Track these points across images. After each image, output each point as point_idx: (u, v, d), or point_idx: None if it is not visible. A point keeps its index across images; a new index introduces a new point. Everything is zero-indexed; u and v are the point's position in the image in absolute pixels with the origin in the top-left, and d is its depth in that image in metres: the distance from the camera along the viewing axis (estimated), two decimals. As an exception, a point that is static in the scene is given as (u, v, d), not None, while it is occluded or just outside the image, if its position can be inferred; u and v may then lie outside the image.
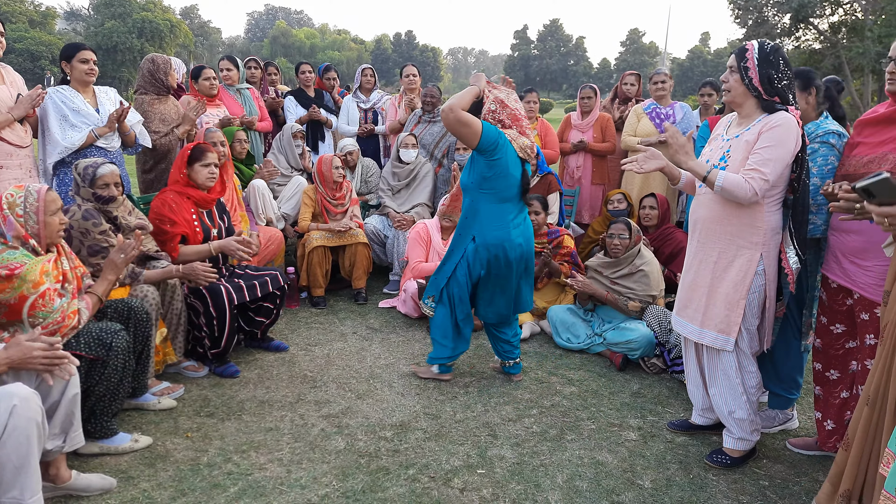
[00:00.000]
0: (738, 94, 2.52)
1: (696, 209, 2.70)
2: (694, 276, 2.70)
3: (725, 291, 2.59)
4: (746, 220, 2.52)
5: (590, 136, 5.33)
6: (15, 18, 42.61)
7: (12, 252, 2.31)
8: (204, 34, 69.14)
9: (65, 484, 2.32)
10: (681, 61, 67.48)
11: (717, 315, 2.62)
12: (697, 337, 2.69)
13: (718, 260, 2.61)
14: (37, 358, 1.99)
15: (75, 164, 3.06)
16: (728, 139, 2.61)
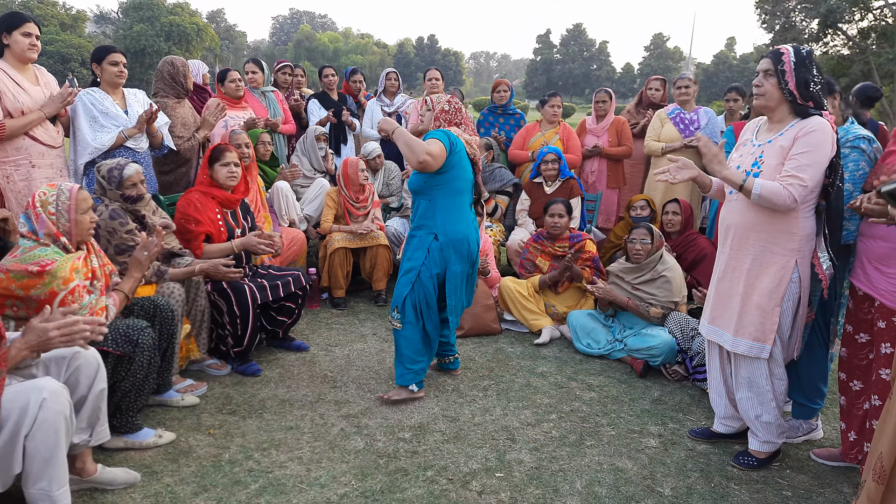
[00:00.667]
0: (774, 99, 2.48)
1: (727, 216, 2.66)
2: (728, 284, 2.66)
3: (759, 299, 2.55)
4: (781, 227, 2.48)
5: (605, 140, 5.31)
6: (46, 22, 43.59)
7: (44, 249, 2.37)
8: (230, 38, 70.13)
9: (90, 477, 2.36)
10: (706, 66, 66.78)
11: (751, 323, 2.58)
12: (731, 346, 2.65)
13: (752, 267, 2.57)
14: (54, 337, 1.98)
15: (97, 167, 3.11)
16: (759, 144, 2.57)
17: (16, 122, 3.38)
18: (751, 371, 2.64)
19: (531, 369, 3.68)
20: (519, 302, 4.24)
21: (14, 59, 3.45)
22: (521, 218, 5.09)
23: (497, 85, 5.80)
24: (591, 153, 5.31)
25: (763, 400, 2.64)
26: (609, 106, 5.37)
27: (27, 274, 2.29)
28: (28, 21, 3.46)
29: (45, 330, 1.94)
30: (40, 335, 1.95)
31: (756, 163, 2.53)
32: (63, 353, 2.25)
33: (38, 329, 1.96)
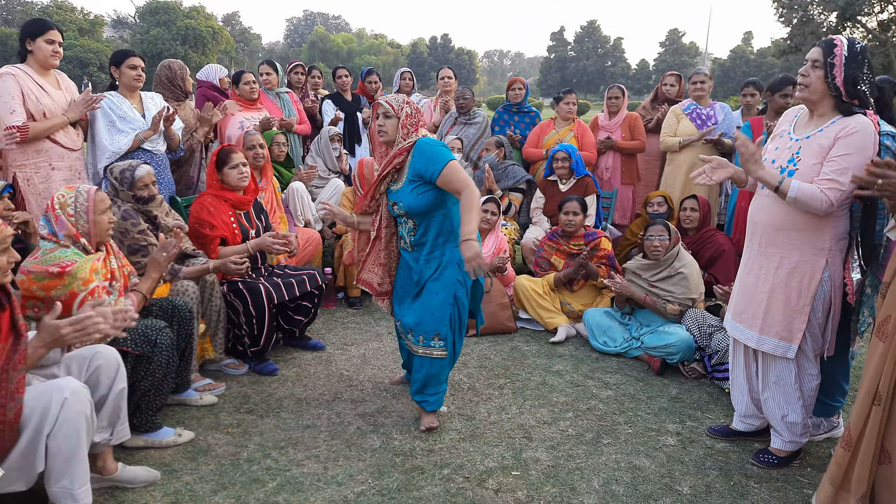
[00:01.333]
0: (818, 92, 2.40)
1: (756, 213, 2.61)
2: (754, 282, 2.62)
3: (787, 298, 2.51)
4: (812, 226, 2.43)
5: (618, 136, 5.27)
6: (65, 27, 44.20)
7: (63, 251, 2.41)
8: (245, 40, 70.66)
9: (111, 475, 2.39)
10: (722, 61, 66.08)
11: (777, 322, 2.54)
12: (756, 343, 2.61)
13: (780, 266, 2.52)
14: (67, 334, 2.01)
15: (110, 169, 3.16)
16: (797, 139, 2.50)
17: (40, 124, 3.44)
18: (779, 370, 2.60)
19: (547, 368, 3.66)
20: (534, 300, 4.22)
21: (36, 65, 3.51)
22: (535, 216, 5.07)
23: (512, 83, 5.79)
24: (604, 145, 5.27)
25: (790, 399, 2.60)
26: (622, 102, 5.34)
27: (48, 275, 2.33)
28: (52, 28, 3.52)
29: (56, 327, 1.97)
30: (52, 333, 1.98)
31: (792, 159, 2.47)
32: (84, 354, 2.28)
33: (50, 326, 1.99)
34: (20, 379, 1.93)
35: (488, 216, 4.49)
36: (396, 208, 2.86)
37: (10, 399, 1.91)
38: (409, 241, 2.90)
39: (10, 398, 1.92)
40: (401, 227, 2.95)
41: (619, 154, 5.32)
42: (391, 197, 2.89)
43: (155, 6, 48.83)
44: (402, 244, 2.97)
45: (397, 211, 2.86)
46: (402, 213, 2.84)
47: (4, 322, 2.00)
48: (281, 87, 5.30)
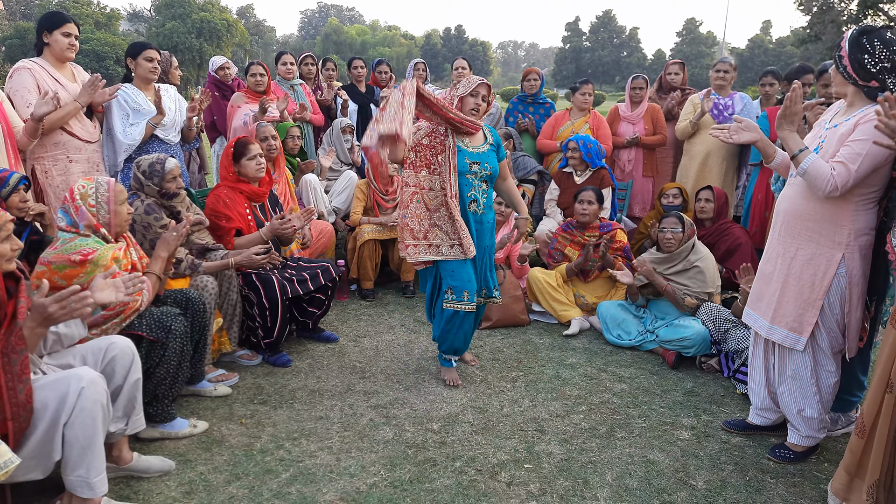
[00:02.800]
0: (838, 83, 2.42)
1: (781, 201, 2.60)
2: (770, 270, 2.61)
3: (800, 290, 2.48)
4: (830, 218, 2.40)
5: (640, 128, 5.21)
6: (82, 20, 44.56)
7: (84, 239, 2.43)
8: (259, 33, 70.87)
9: (127, 465, 2.42)
10: (740, 51, 65.20)
11: (788, 313, 2.52)
12: (766, 332, 2.60)
13: (796, 256, 2.50)
14: (54, 311, 1.98)
15: (137, 163, 3.17)
16: (828, 128, 2.48)
17: (54, 114, 3.46)
18: (796, 364, 2.57)
19: (560, 360, 3.65)
20: (548, 293, 4.20)
21: (53, 58, 3.53)
22: (549, 208, 5.04)
23: (527, 73, 5.72)
24: (631, 144, 5.21)
25: (806, 394, 2.57)
26: (645, 93, 5.27)
27: (70, 263, 2.35)
28: (69, 21, 3.53)
29: (43, 305, 1.96)
30: (41, 311, 1.97)
31: (817, 148, 2.45)
32: (99, 344, 2.31)
33: (38, 304, 1.97)
34: (23, 360, 1.93)
35: (501, 208, 4.47)
36: (477, 167, 3.08)
37: (17, 381, 1.91)
38: (484, 203, 3.16)
39: (18, 380, 1.91)
40: (472, 191, 3.11)
41: (641, 147, 5.26)
42: (472, 157, 3.06)
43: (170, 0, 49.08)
44: (471, 208, 3.12)
45: (477, 171, 3.08)
46: (487, 173, 3.11)
47: (10, 309, 2.01)
48: (295, 79, 5.30)
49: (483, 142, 3.17)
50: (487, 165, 3.12)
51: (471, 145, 3.10)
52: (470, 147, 3.10)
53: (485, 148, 3.14)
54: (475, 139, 3.13)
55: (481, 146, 3.14)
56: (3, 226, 1.96)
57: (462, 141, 3.08)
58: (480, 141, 3.16)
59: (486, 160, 3.12)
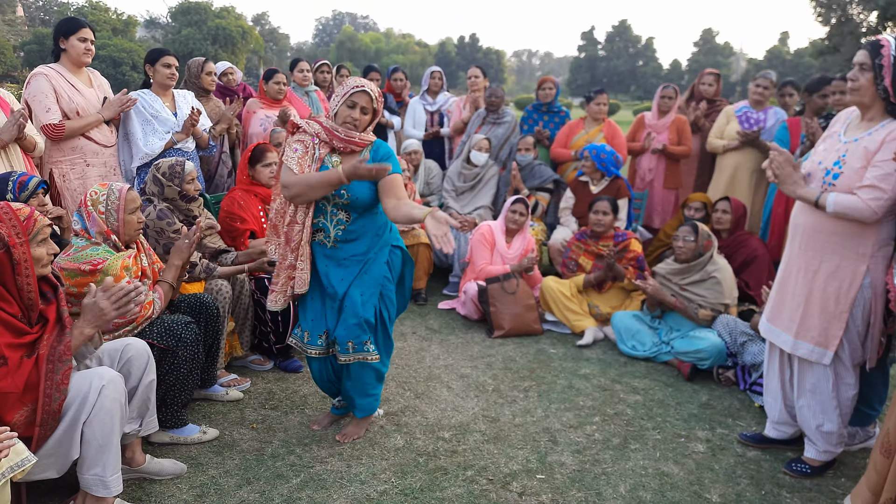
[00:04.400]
0: (868, 96, 2.33)
1: (798, 214, 2.55)
2: (792, 285, 2.56)
3: (825, 303, 2.44)
4: (854, 230, 2.36)
5: (665, 138, 5.15)
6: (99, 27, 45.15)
7: (95, 248, 2.45)
8: (274, 40, 71.52)
9: (140, 467, 2.43)
10: (758, 62, 64.83)
11: (814, 327, 2.47)
12: (791, 348, 2.55)
13: (819, 269, 2.45)
14: (107, 308, 2.07)
15: (156, 165, 3.19)
16: (846, 141, 2.43)
17: (75, 123, 3.51)
18: (816, 377, 2.53)
19: (573, 371, 3.62)
20: (561, 302, 4.18)
21: (70, 63, 3.58)
22: (563, 216, 5.02)
23: (543, 82, 5.71)
24: (657, 151, 5.12)
25: (826, 408, 2.53)
26: (674, 103, 5.21)
27: (80, 272, 2.37)
28: (84, 27, 3.58)
29: (96, 304, 2.01)
30: (96, 312, 2.03)
31: (838, 161, 2.40)
32: (115, 346, 2.32)
33: (90, 305, 2.04)
34: (66, 370, 1.98)
35: (516, 217, 4.46)
36: (338, 196, 2.56)
37: (55, 390, 1.96)
38: (338, 235, 2.61)
39: (57, 389, 1.96)
40: (321, 217, 2.60)
41: (664, 157, 5.20)
42: None
43: (186, 6, 49.70)
44: (319, 238, 2.63)
45: (330, 197, 2.56)
46: (344, 202, 2.56)
47: (51, 314, 2.05)
48: (310, 86, 5.34)
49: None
50: (345, 194, 2.53)
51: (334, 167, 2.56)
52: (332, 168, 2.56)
53: None
54: (347, 160, 2.59)
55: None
56: (41, 230, 1.99)
57: (332, 160, 2.59)
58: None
59: (348, 189, 2.53)
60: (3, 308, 1.94)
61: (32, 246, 1.97)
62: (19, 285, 1.96)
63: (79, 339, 2.06)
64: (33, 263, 1.97)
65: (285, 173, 2.53)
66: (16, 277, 1.95)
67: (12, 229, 1.95)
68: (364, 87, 2.54)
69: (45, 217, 2.05)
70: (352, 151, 2.60)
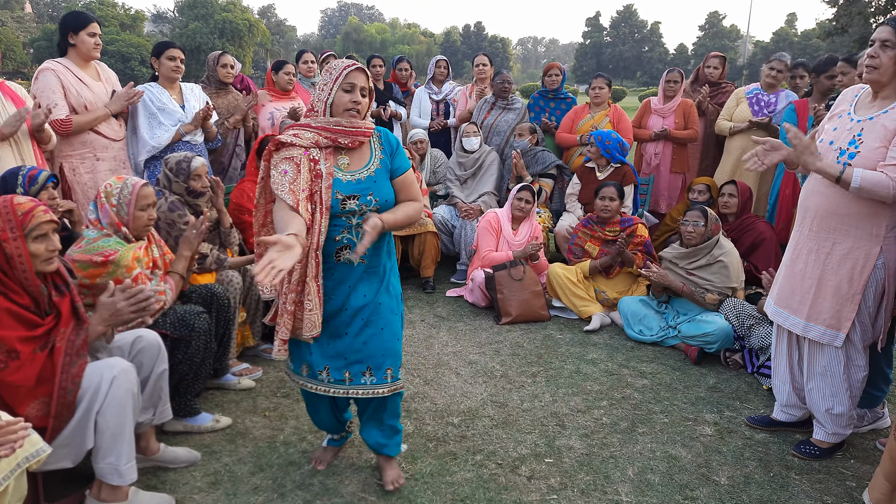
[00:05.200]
0: (888, 74, 2.29)
1: (808, 196, 2.52)
2: (802, 267, 2.54)
3: (837, 285, 2.42)
4: (868, 211, 2.34)
5: (671, 122, 5.12)
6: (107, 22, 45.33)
7: (107, 240, 2.48)
8: (280, 32, 71.47)
9: (154, 455, 2.47)
10: (764, 44, 64.14)
11: (826, 309, 2.46)
12: (802, 330, 2.54)
13: (832, 252, 2.43)
14: (123, 308, 2.11)
15: (165, 160, 3.21)
16: (859, 120, 2.40)
17: (82, 117, 3.54)
18: (827, 360, 2.52)
19: (581, 356, 3.63)
20: (568, 288, 4.19)
21: (78, 58, 3.60)
22: (569, 202, 5.02)
23: (549, 68, 5.68)
24: (660, 136, 5.12)
25: (837, 391, 2.53)
26: (679, 87, 5.17)
27: (92, 264, 2.41)
28: (92, 21, 3.60)
29: (114, 303, 2.05)
30: (111, 309, 2.07)
31: (853, 141, 2.37)
32: (126, 337, 2.36)
33: (108, 304, 2.08)
34: (82, 364, 2.02)
35: (522, 204, 4.47)
36: (354, 203, 2.11)
37: (70, 383, 2.00)
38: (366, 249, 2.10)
39: (72, 382, 2.00)
40: (344, 233, 2.14)
41: (670, 142, 5.17)
42: (345, 189, 2.10)
43: (193, 1, 49.71)
44: (342, 257, 2.16)
45: (354, 208, 2.11)
46: (373, 208, 2.13)
47: (65, 307, 2.08)
48: (316, 77, 5.35)
49: (368, 159, 2.20)
50: (373, 200, 2.14)
51: (348, 170, 2.15)
52: (345, 173, 2.14)
53: (370, 170, 2.17)
54: (357, 157, 2.18)
55: (365, 168, 2.17)
56: (36, 226, 2.00)
57: (338, 163, 2.14)
58: (365, 158, 2.19)
59: (375, 193, 2.14)
60: (15, 300, 1.98)
61: (28, 241, 1.98)
62: (17, 279, 1.98)
63: (92, 334, 2.10)
64: (30, 259, 1.98)
65: (278, 208, 2.02)
66: (12, 271, 1.97)
67: (7, 224, 1.95)
68: (358, 65, 2.16)
69: (48, 214, 2.04)
70: (360, 144, 2.17)
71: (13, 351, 1.92)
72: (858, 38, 22.12)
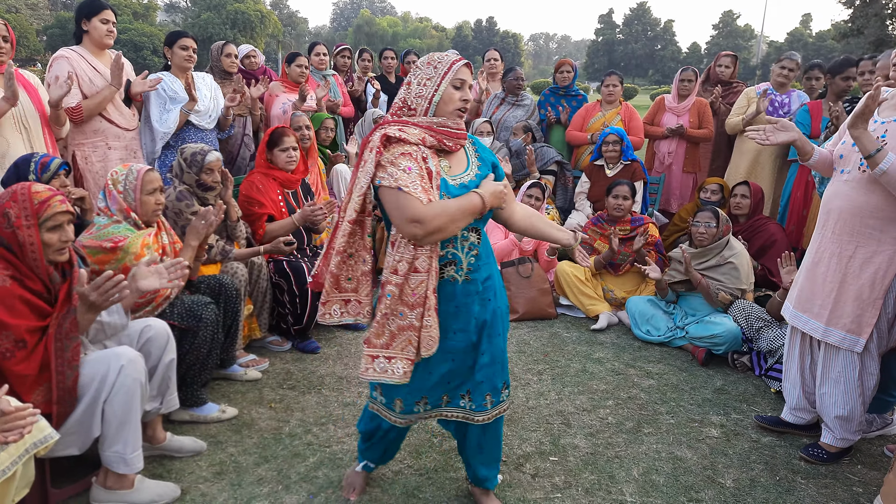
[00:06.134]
0: None
1: (832, 199, 2.49)
2: (823, 271, 2.50)
3: (859, 290, 2.39)
4: (892, 215, 2.31)
5: (685, 121, 5.07)
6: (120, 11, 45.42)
7: (117, 226, 2.49)
8: (292, 24, 71.48)
9: (160, 444, 2.48)
10: (779, 45, 63.62)
11: (846, 314, 2.43)
12: (822, 335, 2.50)
13: (855, 255, 2.40)
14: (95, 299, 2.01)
15: (181, 149, 3.21)
16: (882, 122, 2.37)
17: (89, 101, 3.53)
18: (843, 365, 2.49)
19: (587, 355, 3.62)
20: (576, 286, 4.17)
21: (92, 45, 3.61)
22: (578, 201, 4.99)
23: (560, 65, 5.65)
24: (675, 133, 5.05)
25: (850, 396, 2.50)
26: (694, 86, 5.12)
27: (102, 250, 2.42)
28: (106, 8, 3.60)
29: (84, 295, 2.02)
30: (84, 300, 2.03)
31: None
32: (135, 326, 2.37)
33: (80, 293, 2.03)
34: (75, 346, 2.02)
35: (532, 201, 4.45)
36: None
37: (67, 367, 2.00)
38: (468, 264, 1.96)
39: (68, 366, 2.00)
40: (450, 247, 1.94)
41: (683, 141, 5.13)
42: (452, 192, 1.87)
43: (206, -10, 49.80)
44: (450, 273, 1.95)
45: None
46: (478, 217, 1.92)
47: (62, 293, 2.08)
48: (328, 70, 5.35)
49: (466, 165, 1.98)
50: None
51: (451, 174, 1.94)
52: (448, 176, 1.92)
53: (471, 175, 1.96)
54: (456, 161, 1.97)
55: (465, 173, 1.96)
56: (53, 216, 2.01)
57: (442, 166, 1.93)
58: (463, 164, 1.98)
59: None
60: (29, 286, 1.98)
61: (42, 231, 1.98)
62: (28, 265, 1.99)
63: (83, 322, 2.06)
64: (42, 248, 1.98)
65: (410, 204, 1.76)
66: (24, 258, 1.97)
67: (22, 211, 1.96)
68: (465, 59, 1.94)
69: (64, 204, 2.04)
70: (460, 148, 1.97)
71: (21, 340, 1.93)
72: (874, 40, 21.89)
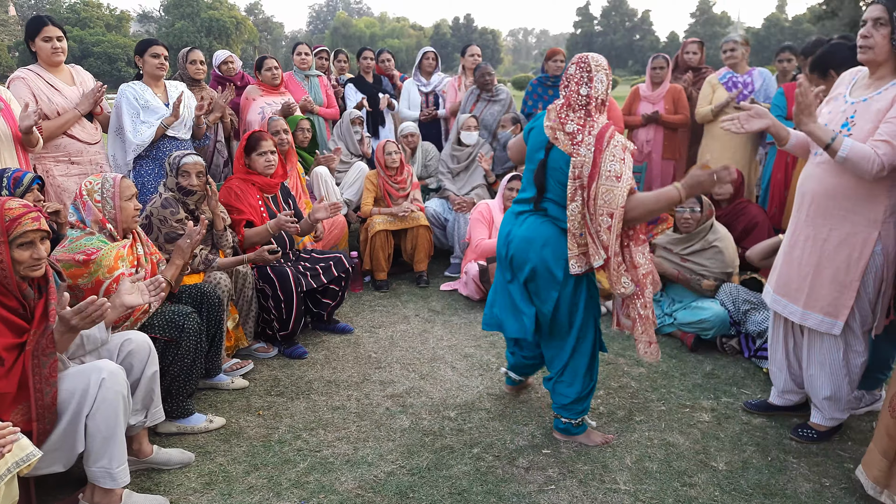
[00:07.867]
0: (883, 53, 2.23)
1: (805, 181, 2.48)
2: (799, 254, 2.50)
3: (835, 272, 2.39)
4: (866, 196, 2.29)
5: (661, 108, 5.09)
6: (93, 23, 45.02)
7: (89, 238, 2.45)
8: (268, 29, 71.11)
9: (147, 458, 2.44)
10: (756, 30, 64.16)
11: (823, 297, 2.42)
12: (800, 318, 2.50)
13: (829, 238, 2.39)
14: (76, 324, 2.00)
15: (170, 154, 3.21)
16: (853, 102, 2.35)
17: (51, 123, 3.47)
18: (827, 347, 2.50)
19: (577, 346, 3.61)
20: (563, 278, 4.16)
21: (44, 63, 3.54)
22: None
23: (553, 53, 5.51)
24: (650, 119, 5.07)
25: (836, 377, 2.50)
26: (666, 73, 5.13)
27: (74, 263, 2.37)
28: (45, 24, 3.49)
29: (64, 318, 2.00)
30: (65, 322, 2.01)
31: (846, 123, 2.33)
32: (116, 340, 2.32)
33: (61, 317, 2.02)
34: (52, 363, 1.97)
35: (513, 194, 4.44)
36: None
37: (45, 384, 1.96)
38: None
39: (46, 382, 1.96)
40: None
41: (661, 128, 5.14)
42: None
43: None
44: None
45: None
46: None
47: (39, 310, 2.04)
48: (311, 70, 5.31)
49: None
50: None
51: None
52: None
53: None
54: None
55: None
56: (22, 234, 1.96)
57: None
58: None
59: None
60: (4, 303, 1.94)
61: (12, 248, 1.93)
62: (1, 283, 1.94)
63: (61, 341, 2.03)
64: (11, 265, 1.93)
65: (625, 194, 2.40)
66: None
67: None
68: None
69: (37, 222, 1.98)
70: None
71: None
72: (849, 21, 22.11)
